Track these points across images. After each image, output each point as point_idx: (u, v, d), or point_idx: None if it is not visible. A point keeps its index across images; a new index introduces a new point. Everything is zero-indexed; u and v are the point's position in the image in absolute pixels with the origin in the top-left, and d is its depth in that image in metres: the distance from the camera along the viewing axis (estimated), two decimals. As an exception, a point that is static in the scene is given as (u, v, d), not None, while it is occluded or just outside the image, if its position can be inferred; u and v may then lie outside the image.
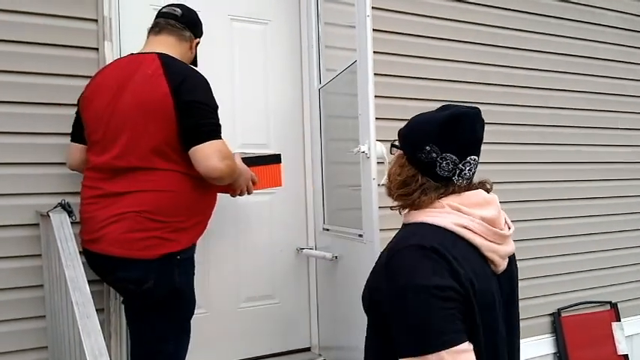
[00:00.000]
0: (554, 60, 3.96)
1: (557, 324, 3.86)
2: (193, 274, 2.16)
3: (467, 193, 1.40)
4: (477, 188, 1.43)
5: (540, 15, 3.93)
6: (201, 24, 2.32)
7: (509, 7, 3.79)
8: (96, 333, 1.57)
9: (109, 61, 2.49)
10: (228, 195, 2.33)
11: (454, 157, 1.37)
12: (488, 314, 1.31)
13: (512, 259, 1.48)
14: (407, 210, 1.46)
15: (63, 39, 2.45)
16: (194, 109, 1.94)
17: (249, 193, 2.34)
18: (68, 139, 2.37)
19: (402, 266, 1.27)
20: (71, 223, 2.02)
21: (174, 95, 1.92)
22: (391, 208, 1.51)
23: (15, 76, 2.37)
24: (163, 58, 2.03)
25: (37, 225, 2.38)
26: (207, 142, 1.92)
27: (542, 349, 3.81)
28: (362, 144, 2.32)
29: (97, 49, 2.51)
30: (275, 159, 2.65)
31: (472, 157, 1.39)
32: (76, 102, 2.23)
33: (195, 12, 2.30)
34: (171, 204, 1.98)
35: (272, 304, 3.06)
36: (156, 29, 2.19)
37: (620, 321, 4.05)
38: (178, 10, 2.22)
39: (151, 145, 1.95)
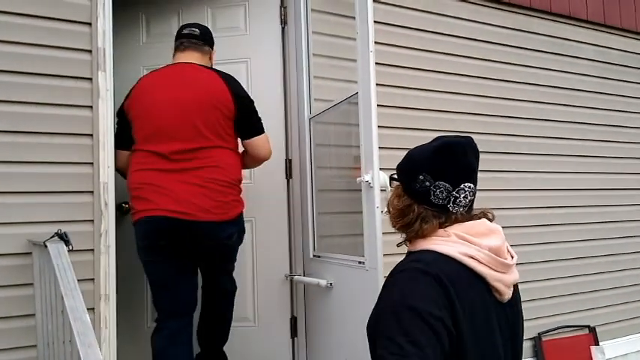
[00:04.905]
0: (549, 93, 4.18)
1: (539, 348, 3.92)
2: None
3: (471, 222, 1.42)
4: (480, 218, 1.46)
5: (533, 50, 4.13)
6: (213, 37, 2.81)
7: (501, 43, 3.99)
8: (98, 362, 1.58)
9: (102, 91, 2.54)
10: None
11: (447, 185, 1.39)
12: (487, 343, 1.33)
13: (515, 287, 1.49)
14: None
15: (58, 69, 2.48)
16: (249, 107, 2.62)
17: None
18: (60, 167, 2.47)
19: (403, 285, 1.30)
20: (68, 251, 2.03)
21: (232, 93, 2.54)
22: (397, 245, 1.53)
23: (10, 106, 2.38)
24: (205, 66, 2.66)
25: (26, 254, 2.36)
26: (263, 135, 2.66)
27: (524, 373, 3.86)
28: (365, 173, 2.39)
29: (90, 79, 2.53)
30: None
31: (466, 184, 1.41)
32: (71, 131, 2.38)
33: (208, 28, 2.81)
34: (233, 173, 2.57)
35: (251, 326, 3.12)
36: (181, 48, 2.69)
37: (598, 344, 4.14)
38: (196, 30, 2.72)
39: (216, 128, 2.51)
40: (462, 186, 1.40)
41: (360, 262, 2.47)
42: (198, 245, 2.54)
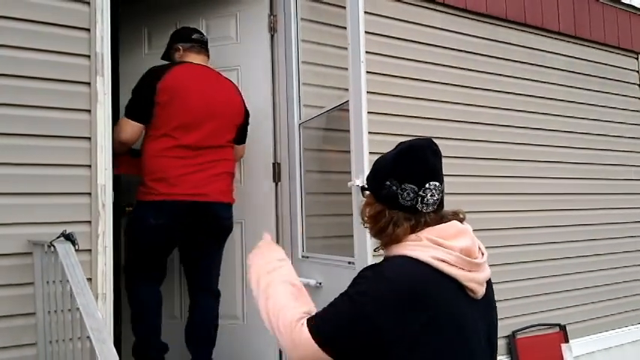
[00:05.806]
0: (523, 101, 4.38)
1: (513, 345, 4.08)
2: None
3: (441, 225, 1.45)
4: (451, 219, 1.49)
5: (509, 60, 4.32)
6: None
7: (479, 52, 4.17)
8: (112, 357, 1.65)
9: (100, 95, 2.59)
10: None
11: (413, 187, 1.44)
12: (466, 341, 1.39)
13: (488, 282, 1.52)
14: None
15: (58, 74, 2.53)
16: (248, 120, 3.10)
17: None
18: (58, 169, 2.52)
19: (369, 289, 1.39)
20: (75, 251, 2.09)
21: (245, 107, 3.06)
22: (375, 250, 1.62)
23: (10, 109, 2.43)
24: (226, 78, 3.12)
25: (26, 254, 2.39)
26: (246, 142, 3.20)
27: (498, 369, 4.02)
28: (355, 177, 2.49)
29: (89, 83, 2.59)
30: None
31: (432, 183, 1.45)
32: (70, 135, 2.49)
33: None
34: (234, 166, 3.08)
35: (240, 324, 3.24)
36: (194, 50, 3.04)
37: (568, 342, 4.32)
38: (205, 37, 3.11)
39: (229, 131, 2.98)
40: (427, 185, 1.45)
41: (349, 262, 2.57)
42: (209, 224, 2.94)
